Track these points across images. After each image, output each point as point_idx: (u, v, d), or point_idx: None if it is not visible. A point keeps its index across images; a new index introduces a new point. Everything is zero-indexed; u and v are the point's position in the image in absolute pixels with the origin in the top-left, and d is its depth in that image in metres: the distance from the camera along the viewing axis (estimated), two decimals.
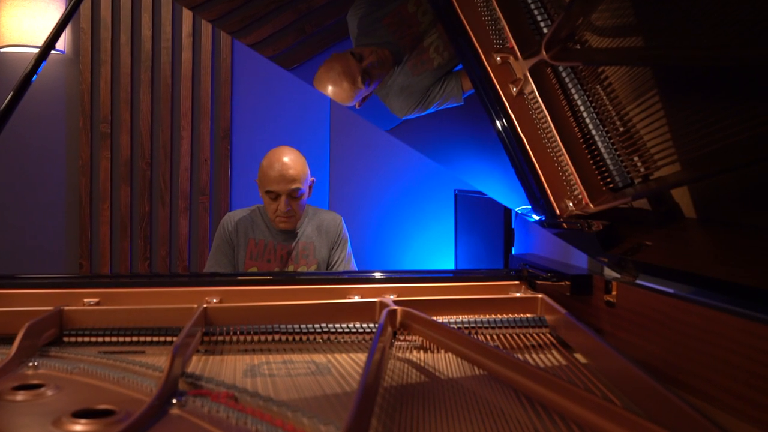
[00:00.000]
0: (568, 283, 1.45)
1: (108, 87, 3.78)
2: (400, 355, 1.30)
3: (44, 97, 3.76)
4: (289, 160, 2.52)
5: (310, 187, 2.62)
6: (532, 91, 1.45)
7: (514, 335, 1.40)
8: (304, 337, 1.39)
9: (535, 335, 1.40)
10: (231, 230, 2.65)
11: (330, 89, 2.04)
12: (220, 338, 1.37)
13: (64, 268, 3.83)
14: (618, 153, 1.30)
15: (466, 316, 1.47)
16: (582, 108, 1.36)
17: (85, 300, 1.52)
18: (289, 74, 2.60)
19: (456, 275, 1.83)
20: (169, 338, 1.36)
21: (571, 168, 1.42)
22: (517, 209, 1.96)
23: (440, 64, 2.01)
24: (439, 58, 1.99)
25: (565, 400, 0.98)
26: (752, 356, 0.94)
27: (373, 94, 2.10)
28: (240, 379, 1.16)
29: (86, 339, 1.36)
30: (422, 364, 1.25)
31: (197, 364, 1.25)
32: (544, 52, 1.34)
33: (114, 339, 1.36)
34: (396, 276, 1.68)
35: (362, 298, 1.55)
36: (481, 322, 1.43)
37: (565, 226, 1.51)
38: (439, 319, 1.42)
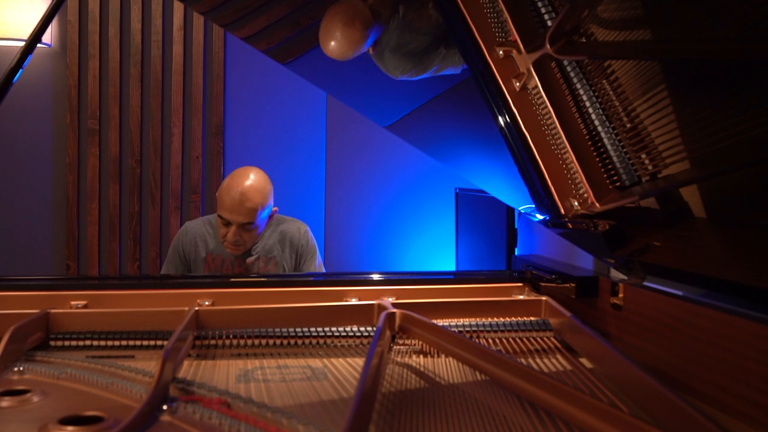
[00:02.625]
0: (573, 285, 1.45)
1: (96, 82, 3.77)
2: (398, 359, 1.30)
3: (30, 92, 3.75)
4: (248, 190, 2.35)
5: (270, 216, 2.49)
6: (536, 86, 1.45)
7: (518, 339, 1.40)
8: (300, 341, 1.38)
9: (539, 339, 1.40)
10: (186, 243, 2.55)
11: (340, 34, 1.92)
12: (213, 342, 1.37)
13: (51, 269, 3.83)
14: (625, 150, 1.30)
15: (467, 320, 1.47)
16: (587, 103, 1.36)
17: (73, 303, 1.51)
18: (284, 68, 2.60)
19: (457, 277, 1.83)
20: (159, 342, 1.36)
21: (576, 166, 1.41)
22: (520, 208, 1.96)
23: (439, 21, 1.99)
24: (439, 16, 1.97)
25: (570, 406, 0.98)
26: (765, 361, 0.94)
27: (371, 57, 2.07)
28: (233, 385, 1.16)
29: (73, 343, 1.36)
30: (422, 369, 1.25)
31: (188, 369, 1.25)
32: (548, 46, 1.34)
33: (102, 343, 1.36)
34: (395, 278, 1.68)
35: (360, 300, 1.55)
36: (483, 325, 1.43)
37: (570, 226, 1.51)
38: (440, 322, 1.42)
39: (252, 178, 2.40)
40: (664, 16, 1.11)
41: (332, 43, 1.95)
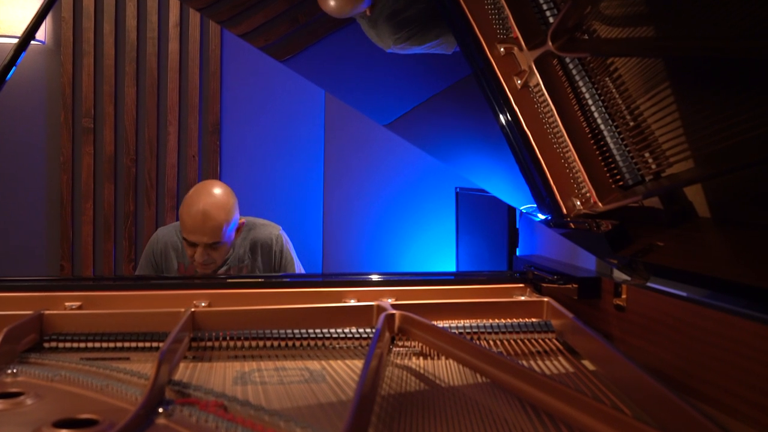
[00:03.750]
0: (575, 285, 1.45)
1: (91, 79, 3.77)
2: (398, 361, 1.30)
3: (23, 90, 3.75)
4: (211, 208, 2.24)
5: (238, 229, 2.38)
6: (538, 84, 1.45)
7: (519, 341, 1.40)
8: (297, 343, 1.38)
9: (540, 341, 1.40)
10: (158, 251, 2.49)
11: None
12: (209, 344, 1.37)
13: (45, 269, 3.82)
14: (628, 149, 1.30)
15: (467, 321, 1.47)
16: (590, 101, 1.35)
17: (67, 304, 1.51)
18: (282, 66, 2.60)
19: (457, 277, 1.83)
20: (155, 344, 1.36)
21: (578, 165, 1.41)
22: (521, 208, 1.96)
23: None
24: None
25: (572, 409, 0.98)
26: None
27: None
28: (230, 387, 1.16)
29: (68, 345, 1.36)
30: (422, 371, 1.25)
31: (185, 372, 1.25)
32: (550, 43, 1.34)
33: (97, 345, 1.36)
34: (394, 278, 1.68)
35: (358, 301, 1.55)
36: (484, 327, 1.42)
37: (573, 226, 1.51)
38: (440, 323, 1.42)
39: (213, 194, 2.29)
40: (668, 12, 1.11)
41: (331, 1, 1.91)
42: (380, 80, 2.40)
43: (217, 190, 2.33)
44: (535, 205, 1.62)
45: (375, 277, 1.69)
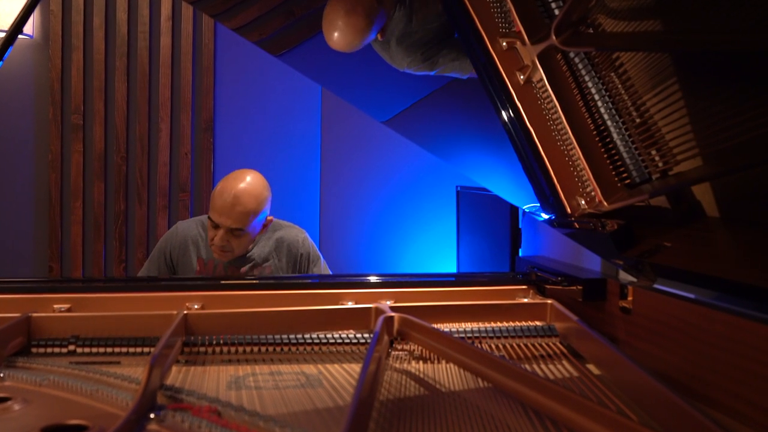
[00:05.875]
0: (580, 287, 1.45)
1: (80, 75, 3.77)
2: (397, 365, 1.30)
3: (11, 85, 3.75)
4: (242, 194, 2.29)
5: (265, 225, 2.43)
6: (541, 79, 1.45)
7: (522, 344, 1.40)
8: (293, 347, 1.38)
9: (544, 344, 1.40)
10: (175, 246, 2.49)
11: (343, 23, 1.88)
12: (202, 348, 1.37)
13: (32, 271, 3.82)
14: (634, 146, 1.30)
15: (469, 324, 1.47)
16: (595, 97, 1.35)
17: (55, 306, 1.51)
18: (277, 61, 2.60)
19: (458, 279, 1.83)
20: (146, 348, 1.36)
21: (583, 163, 1.41)
22: (524, 207, 1.96)
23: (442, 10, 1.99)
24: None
25: (576, 414, 0.98)
26: None
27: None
28: (224, 392, 1.16)
29: (56, 349, 1.36)
30: (421, 375, 1.25)
31: (177, 376, 1.25)
32: (553, 37, 1.33)
33: (87, 349, 1.35)
34: (393, 280, 1.68)
35: (356, 304, 1.55)
36: (486, 330, 1.42)
37: (577, 226, 1.51)
38: (440, 326, 1.42)
39: (248, 182, 2.34)
40: (676, 4, 1.11)
41: (336, 33, 1.91)
42: (379, 75, 2.40)
43: (255, 179, 2.37)
44: (539, 205, 1.62)
45: (373, 279, 1.69)
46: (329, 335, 1.40)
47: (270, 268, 2.49)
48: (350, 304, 1.55)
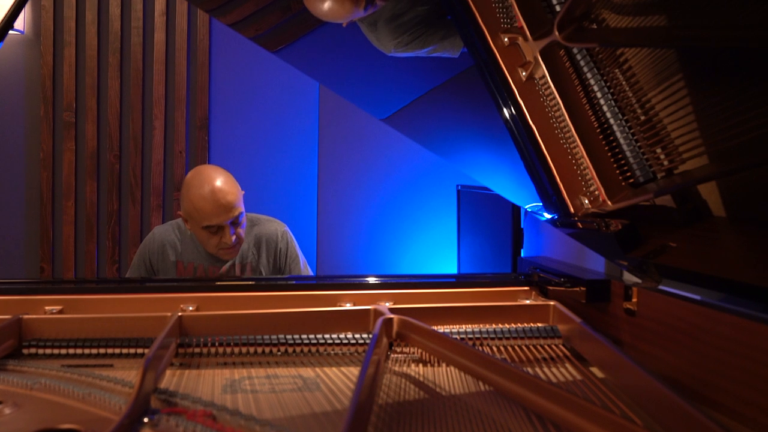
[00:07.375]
0: (583, 288, 1.45)
1: (72, 71, 3.77)
2: (396, 368, 1.30)
3: (1, 82, 3.75)
4: (221, 183, 2.32)
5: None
6: (544, 76, 1.45)
7: (524, 347, 1.40)
8: (290, 349, 1.38)
9: (546, 347, 1.40)
10: (154, 250, 2.51)
11: None
12: (197, 350, 1.37)
13: (24, 272, 3.82)
14: (639, 144, 1.30)
15: (470, 326, 1.47)
16: (599, 94, 1.35)
17: (47, 308, 1.51)
18: (274, 57, 2.60)
19: (459, 280, 1.82)
20: (140, 350, 1.36)
21: (586, 161, 1.41)
22: (526, 207, 1.96)
23: None
24: None
25: (580, 418, 0.98)
26: None
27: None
28: (219, 396, 1.16)
29: (48, 351, 1.36)
30: (421, 378, 1.25)
31: (171, 379, 1.25)
32: (556, 33, 1.34)
33: (79, 351, 1.35)
34: (392, 281, 1.68)
35: (355, 305, 1.55)
36: (487, 332, 1.42)
37: (580, 226, 1.51)
38: (440, 328, 1.42)
39: (213, 173, 2.36)
40: (680, 0, 1.11)
41: (325, 4, 1.87)
42: (378, 72, 2.40)
43: (212, 168, 2.40)
44: (541, 204, 1.62)
45: (372, 280, 1.69)
46: (327, 337, 1.40)
47: (250, 265, 2.50)
48: (348, 306, 1.55)
